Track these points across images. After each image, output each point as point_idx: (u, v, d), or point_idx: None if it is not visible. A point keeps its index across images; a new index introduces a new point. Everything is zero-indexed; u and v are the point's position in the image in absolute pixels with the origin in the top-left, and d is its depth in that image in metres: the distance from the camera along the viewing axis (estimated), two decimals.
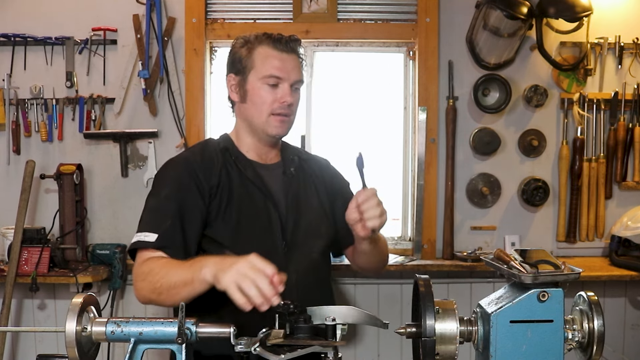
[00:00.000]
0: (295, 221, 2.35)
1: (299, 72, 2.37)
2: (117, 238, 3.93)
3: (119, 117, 3.90)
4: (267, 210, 2.31)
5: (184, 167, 2.32)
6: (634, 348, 4.09)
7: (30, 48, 3.88)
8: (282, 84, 2.31)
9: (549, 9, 3.64)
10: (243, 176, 2.33)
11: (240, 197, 2.29)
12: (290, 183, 2.41)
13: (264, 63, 2.31)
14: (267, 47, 2.33)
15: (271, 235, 2.30)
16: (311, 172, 2.52)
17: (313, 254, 2.37)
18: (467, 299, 3.95)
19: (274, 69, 2.30)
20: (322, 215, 2.46)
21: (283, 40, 2.34)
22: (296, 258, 2.30)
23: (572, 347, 1.62)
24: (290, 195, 2.38)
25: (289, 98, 2.31)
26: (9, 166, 3.91)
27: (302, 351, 1.61)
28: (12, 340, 3.97)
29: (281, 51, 2.33)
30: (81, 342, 1.61)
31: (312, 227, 2.40)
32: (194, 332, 1.66)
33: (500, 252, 1.71)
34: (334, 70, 4.07)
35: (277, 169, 2.43)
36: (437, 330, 1.57)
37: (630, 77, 3.98)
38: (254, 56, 2.33)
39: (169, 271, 2.02)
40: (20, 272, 3.58)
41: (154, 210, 2.29)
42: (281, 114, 2.32)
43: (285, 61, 2.32)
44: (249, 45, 2.36)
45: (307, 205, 2.42)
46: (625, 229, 3.85)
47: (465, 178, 3.99)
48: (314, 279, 2.35)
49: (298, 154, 2.55)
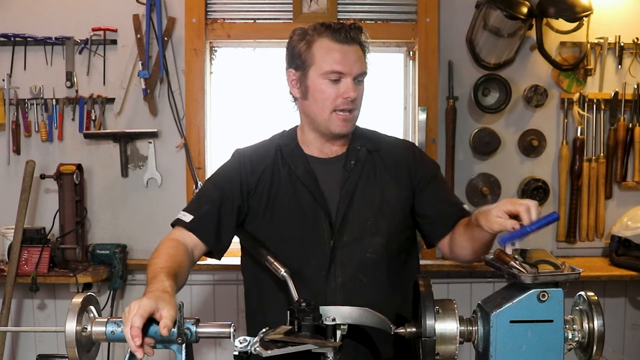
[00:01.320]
0: (346, 220, 2.23)
1: (362, 63, 2.23)
2: (117, 238, 3.94)
3: (119, 117, 3.90)
4: (313, 210, 2.23)
5: (236, 160, 2.36)
6: (634, 348, 4.09)
7: (30, 48, 3.88)
8: (344, 78, 2.19)
9: (549, 9, 3.64)
10: (293, 175, 2.27)
11: (286, 196, 2.25)
12: (348, 177, 2.27)
13: (325, 57, 2.19)
14: (327, 39, 2.20)
15: (316, 236, 2.21)
16: (383, 162, 2.35)
17: (367, 253, 2.22)
18: (467, 298, 3.95)
19: (336, 63, 2.18)
20: (388, 212, 2.28)
21: (343, 31, 2.20)
22: (342, 259, 2.20)
23: (572, 347, 1.62)
24: (345, 191, 2.25)
25: (352, 93, 2.19)
26: (9, 166, 3.90)
27: (293, 348, 1.60)
28: (12, 340, 3.97)
29: (342, 43, 2.19)
30: (81, 342, 1.61)
31: (369, 225, 2.24)
32: (193, 332, 1.66)
33: (500, 252, 1.71)
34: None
35: (338, 163, 2.31)
36: (437, 330, 1.57)
37: (630, 77, 3.97)
38: (314, 50, 2.21)
39: (152, 261, 2.04)
40: (20, 272, 3.58)
41: (199, 194, 2.37)
42: (345, 109, 2.21)
43: (347, 54, 2.19)
44: (307, 38, 2.23)
45: (367, 201, 2.27)
46: (625, 229, 3.85)
47: (465, 178, 3.99)
48: (369, 280, 2.21)
49: (367, 143, 2.36)
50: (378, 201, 2.27)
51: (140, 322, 1.60)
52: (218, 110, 4.05)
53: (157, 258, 2.05)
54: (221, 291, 3.99)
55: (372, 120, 4.00)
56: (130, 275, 3.93)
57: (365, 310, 1.78)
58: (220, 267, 3.66)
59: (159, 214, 3.91)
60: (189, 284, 3.95)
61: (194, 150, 3.86)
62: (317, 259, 2.19)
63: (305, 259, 2.18)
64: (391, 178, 2.32)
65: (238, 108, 4.08)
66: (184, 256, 2.15)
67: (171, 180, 3.93)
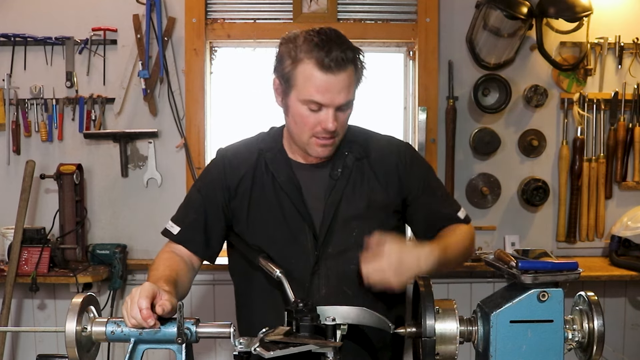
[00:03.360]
0: (331, 232, 2.14)
1: (347, 93, 2.05)
2: (117, 238, 3.94)
3: (119, 117, 3.90)
4: (296, 221, 2.15)
5: (219, 161, 2.30)
6: (634, 348, 4.08)
7: (30, 48, 3.87)
8: (325, 108, 2.04)
9: (549, 9, 3.64)
10: (276, 183, 2.19)
11: (268, 204, 2.18)
12: (334, 186, 2.17)
13: (306, 85, 2.03)
14: (312, 64, 2.00)
15: (299, 248, 2.14)
16: (372, 169, 2.23)
17: (352, 265, 2.10)
18: (467, 299, 3.95)
19: (317, 93, 2.02)
20: (375, 222, 2.16)
21: (333, 56, 1.99)
22: (327, 271, 2.14)
23: (572, 347, 1.62)
24: (330, 202, 2.16)
25: (331, 125, 2.04)
26: (9, 166, 3.90)
27: (294, 349, 1.60)
28: (12, 340, 3.97)
29: (327, 72, 2.00)
30: (81, 342, 1.62)
31: (354, 236, 2.15)
32: (193, 332, 1.66)
33: (500, 252, 1.71)
34: None
35: (324, 169, 2.21)
36: (437, 330, 1.57)
37: (630, 77, 3.97)
38: (297, 73, 2.04)
39: (150, 273, 2.08)
40: (20, 272, 3.58)
41: (185, 201, 2.33)
42: (324, 137, 2.09)
43: (331, 84, 2.01)
44: (293, 55, 2.04)
45: (352, 211, 2.17)
46: (625, 229, 3.85)
47: (465, 178, 3.99)
48: (354, 292, 2.13)
49: (356, 149, 2.25)
50: (363, 210, 2.18)
51: (147, 302, 1.65)
52: (218, 110, 4.05)
53: (155, 270, 2.07)
54: (221, 291, 3.99)
55: (372, 120, 4.02)
56: (130, 275, 3.93)
57: (363, 310, 1.78)
58: (220, 267, 3.61)
59: (159, 213, 3.90)
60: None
61: (194, 150, 3.86)
62: (299, 271, 2.13)
63: (287, 270, 2.05)
64: (379, 186, 2.23)
65: (238, 108, 4.08)
66: (181, 265, 2.16)
67: (171, 180, 3.92)
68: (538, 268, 1.57)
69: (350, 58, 2.03)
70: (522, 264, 1.58)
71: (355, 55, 2.07)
